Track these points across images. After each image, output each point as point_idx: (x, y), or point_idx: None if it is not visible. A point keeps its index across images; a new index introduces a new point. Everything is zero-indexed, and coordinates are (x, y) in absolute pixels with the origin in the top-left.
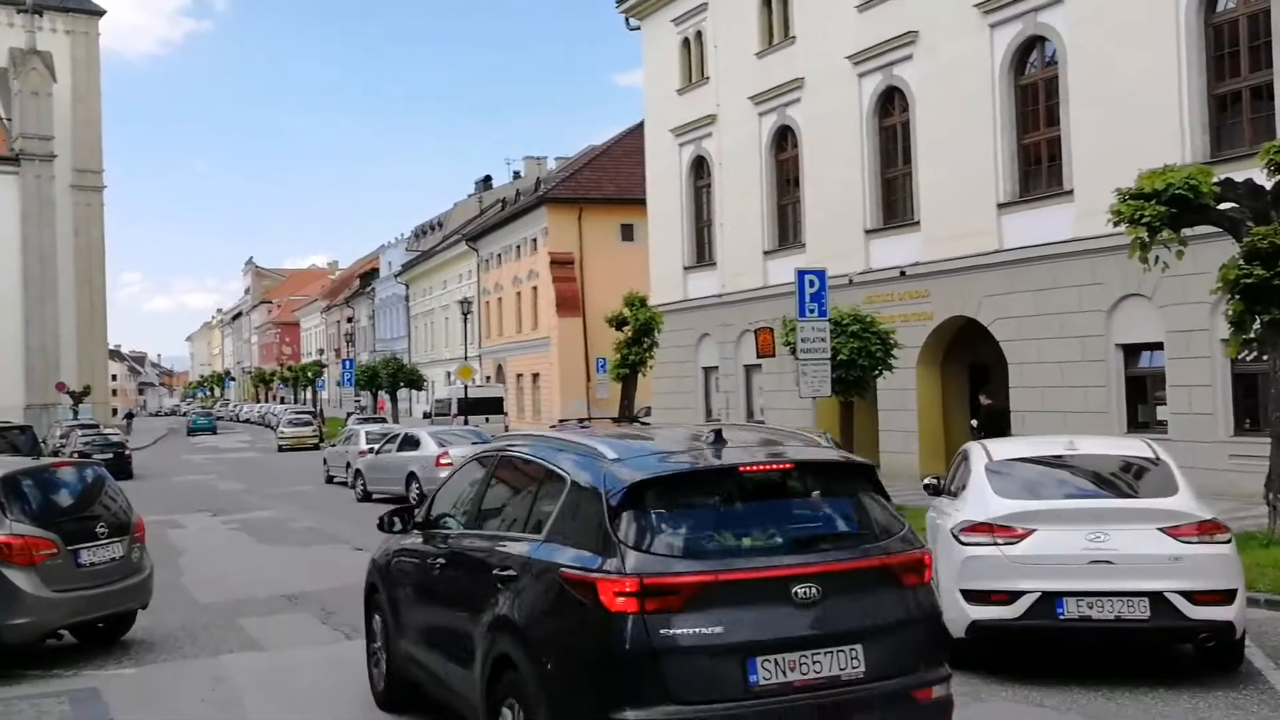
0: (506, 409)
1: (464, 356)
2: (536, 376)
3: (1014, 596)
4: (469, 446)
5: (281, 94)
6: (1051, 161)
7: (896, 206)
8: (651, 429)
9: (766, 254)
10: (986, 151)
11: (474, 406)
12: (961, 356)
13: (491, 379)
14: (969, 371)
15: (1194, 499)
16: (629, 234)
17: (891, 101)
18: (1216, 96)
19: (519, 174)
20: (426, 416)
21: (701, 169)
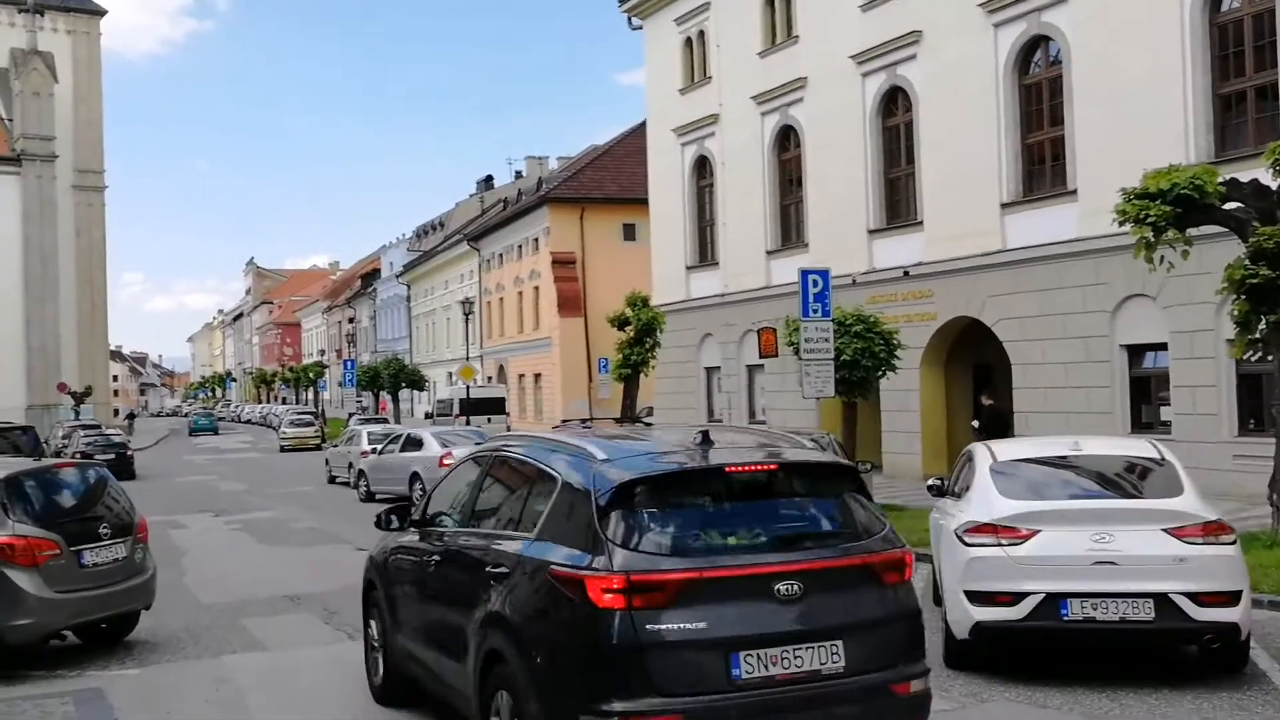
0: (508, 409)
1: (465, 357)
2: (538, 377)
3: (1018, 598)
4: (472, 447)
5: (283, 94)
6: (1055, 161)
7: (900, 206)
8: (642, 430)
9: (769, 254)
10: (990, 151)
11: (476, 407)
12: (965, 357)
13: (493, 379)
14: (972, 372)
15: (1199, 500)
16: (631, 234)
17: (895, 101)
18: (1221, 96)
19: (521, 174)
20: (428, 417)
21: (704, 168)
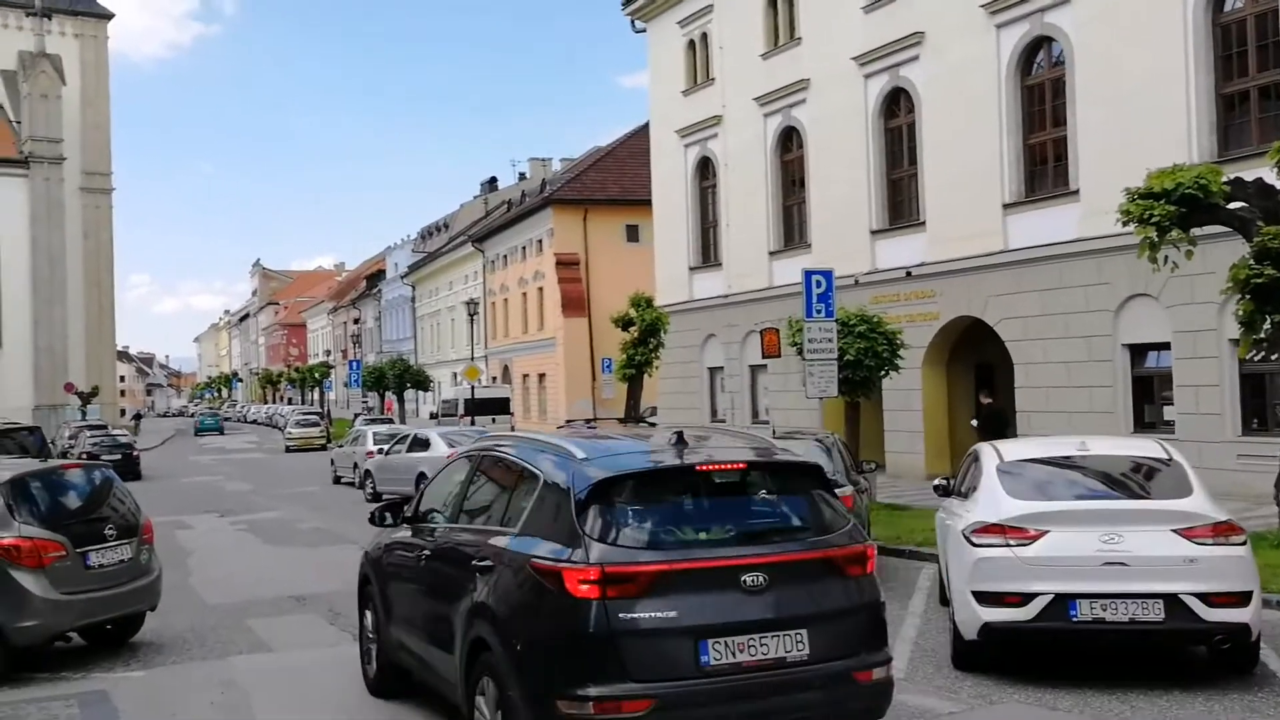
0: (513, 410)
1: (470, 357)
2: (543, 377)
3: (1027, 598)
4: None
5: (288, 97)
6: (1058, 161)
7: (902, 207)
8: (625, 430)
9: (772, 254)
10: (992, 152)
11: (481, 407)
12: (967, 357)
13: (498, 380)
14: (975, 372)
15: (1208, 500)
16: (634, 235)
17: (897, 102)
18: (1224, 96)
19: (524, 175)
20: (433, 417)
21: (707, 170)
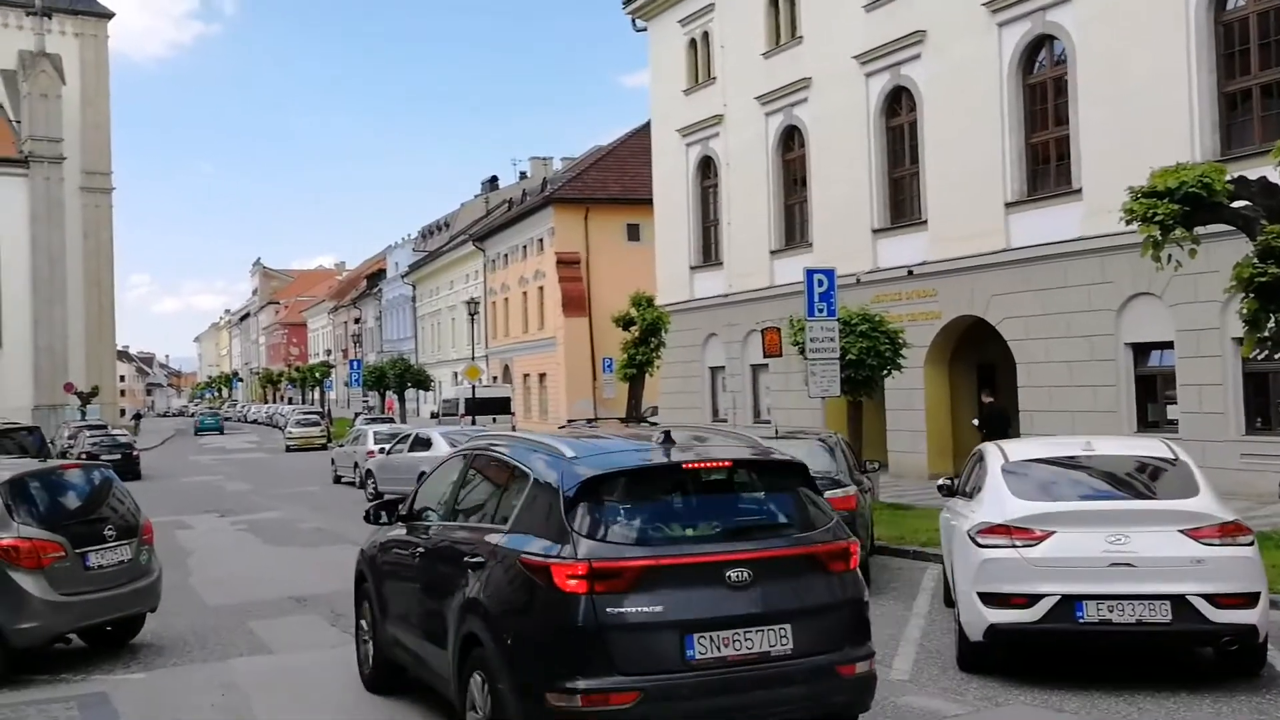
0: (513, 409)
1: (471, 357)
2: (543, 377)
3: (1033, 600)
4: None
5: (288, 96)
6: (1060, 160)
7: (904, 206)
8: (624, 430)
9: (773, 254)
10: (994, 150)
11: (481, 407)
12: (969, 356)
13: (498, 379)
14: (977, 371)
15: (1215, 500)
16: (635, 234)
17: (899, 101)
18: (1226, 94)
19: (525, 174)
20: (434, 417)
21: (708, 169)
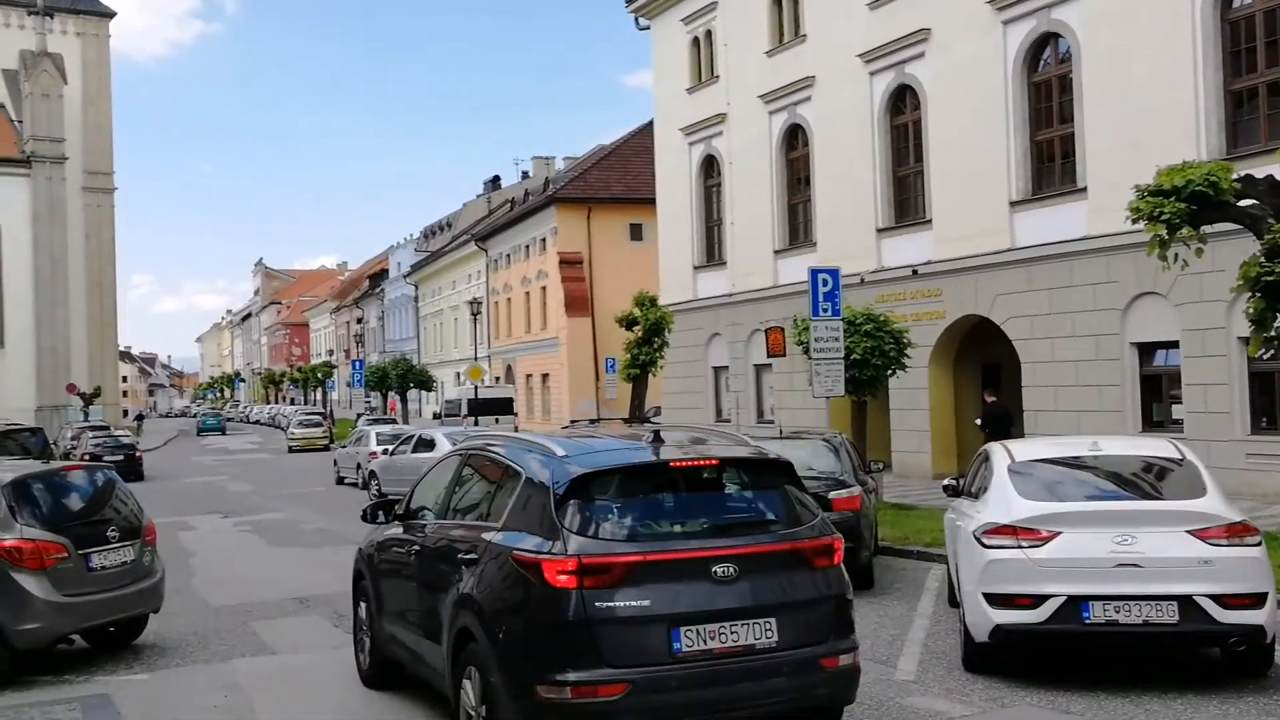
0: (516, 410)
1: (473, 357)
2: (546, 377)
3: (1039, 600)
4: None
5: (290, 96)
6: (1065, 159)
7: (908, 205)
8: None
9: (777, 253)
10: (999, 149)
11: (484, 407)
12: (974, 355)
13: (501, 379)
14: (982, 371)
15: (1223, 500)
16: (638, 234)
17: (903, 99)
18: (1233, 92)
19: (527, 174)
20: (436, 417)
21: (711, 168)
